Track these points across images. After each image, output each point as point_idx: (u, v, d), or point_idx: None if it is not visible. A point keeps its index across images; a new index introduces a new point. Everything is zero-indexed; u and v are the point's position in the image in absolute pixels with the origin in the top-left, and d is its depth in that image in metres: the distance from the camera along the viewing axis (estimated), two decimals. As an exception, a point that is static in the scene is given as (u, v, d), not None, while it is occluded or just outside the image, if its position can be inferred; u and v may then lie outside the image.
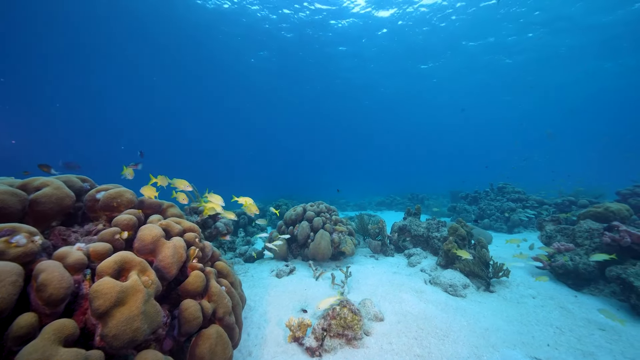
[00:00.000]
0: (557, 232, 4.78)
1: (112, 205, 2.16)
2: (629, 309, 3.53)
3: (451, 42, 19.94)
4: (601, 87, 24.63)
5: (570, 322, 3.20)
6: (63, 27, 18.01)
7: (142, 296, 1.48)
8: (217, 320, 2.11)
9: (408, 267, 5.08)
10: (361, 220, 6.75)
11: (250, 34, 19.67)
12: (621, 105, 29.80)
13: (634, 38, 17.22)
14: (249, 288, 4.15)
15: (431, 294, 3.68)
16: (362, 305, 3.13)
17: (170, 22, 18.03)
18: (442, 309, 3.30)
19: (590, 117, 34.85)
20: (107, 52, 21.17)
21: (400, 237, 6.05)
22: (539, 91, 26.73)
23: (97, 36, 19.02)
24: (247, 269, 5.37)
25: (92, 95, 30.42)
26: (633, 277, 3.49)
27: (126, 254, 1.63)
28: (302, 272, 4.82)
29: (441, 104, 32.01)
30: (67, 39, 19.47)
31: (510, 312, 3.38)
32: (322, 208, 5.94)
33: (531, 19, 17.33)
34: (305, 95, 30.93)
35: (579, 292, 4.06)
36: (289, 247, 5.93)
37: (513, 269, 4.74)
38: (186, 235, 2.32)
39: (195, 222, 4.64)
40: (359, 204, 19.26)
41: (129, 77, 26.20)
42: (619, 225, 3.88)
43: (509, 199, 9.37)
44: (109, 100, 32.71)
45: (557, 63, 21.50)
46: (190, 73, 25.59)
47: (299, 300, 3.69)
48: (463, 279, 4.08)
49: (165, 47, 20.98)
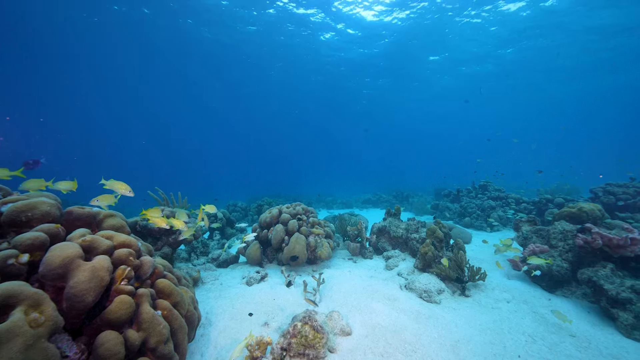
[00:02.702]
0: (533, 233, 4.75)
1: (19, 221, 1.82)
2: (600, 312, 3.51)
3: (441, 42, 20.00)
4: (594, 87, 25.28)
5: (542, 329, 3.12)
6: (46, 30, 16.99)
7: (21, 342, 1.18)
8: (149, 352, 1.83)
9: (385, 271, 4.94)
10: (341, 221, 6.56)
11: (234, 34, 18.98)
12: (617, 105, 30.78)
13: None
14: (214, 299, 3.87)
15: (404, 301, 3.52)
16: (329, 319, 2.92)
17: (159, 22, 17.16)
18: (414, 319, 3.14)
19: (585, 117, 35.94)
20: (76, 51, 19.99)
21: (379, 239, 5.90)
22: (525, 92, 27.45)
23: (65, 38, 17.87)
24: (218, 275, 5.06)
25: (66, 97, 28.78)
26: (603, 280, 3.46)
27: (9, 286, 1.32)
28: (274, 279, 4.57)
29: (428, 102, 32.34)
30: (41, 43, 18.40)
31: (484, 320, 3.28)
32: (298, 210, 5.69)
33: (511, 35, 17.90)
34: (295, 95, 30.46)
35: (553, 295, 4.03)
36: (264, 252, 5.66)
37: (490, 271, 4.68)
38: (117, 253, 2.01)
39: (156, 229, 4.30)
40: (345, 201, 19.14)
41: (111, 78, 24.96)
42: (591, 227, 3.85)
43: (489, 197, 9.45)
44: (89, 101, 31.23)
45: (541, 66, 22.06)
46: (175, 73, 24.64)
47: (266, 311, 3.45)
48: (438, 284, 3.96)
49: (147, 47, 19.95)
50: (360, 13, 16.86)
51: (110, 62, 21.94)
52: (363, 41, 19.91)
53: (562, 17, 16.28)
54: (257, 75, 25.53)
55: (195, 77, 25.62)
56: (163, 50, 20.74)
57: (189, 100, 31.97)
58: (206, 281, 4.64)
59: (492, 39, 19.10)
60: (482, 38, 19.10)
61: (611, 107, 31.78)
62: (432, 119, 40.86)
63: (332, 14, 16.94)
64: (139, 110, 36.26)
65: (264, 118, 41.26)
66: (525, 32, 17.98)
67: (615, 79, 24.48)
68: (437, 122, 43.29)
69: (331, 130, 49.11)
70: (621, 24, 16.54)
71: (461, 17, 16.89)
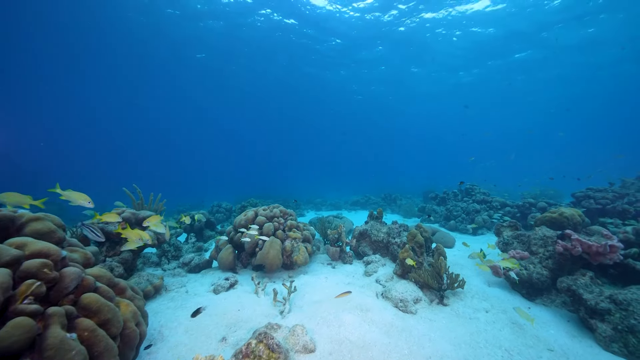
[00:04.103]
0: (514, 238, 4.63)
1: None
2: (579, 322, 3.39)
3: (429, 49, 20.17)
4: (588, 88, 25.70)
5: (520, 342, 2.95)
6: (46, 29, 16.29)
7: None
8: (54, 385, 1.52)
9: (364, 277, 4.72)
10: (322, 223, 6.31)
11: (225, 35, 18.58)
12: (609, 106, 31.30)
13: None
14: (173, 309, 3.54)
15: (378, 312, 3.29)
16: (291, 334, 2.66)
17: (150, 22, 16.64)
18: (386, 333, 2.92)
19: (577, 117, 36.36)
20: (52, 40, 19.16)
21: (359, 243, 5.69)
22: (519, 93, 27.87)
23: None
24: (187, 281, 4.72)
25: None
26: (582, 289, 3.33)
27: None
28: (244, 287, 4.27)
29: (418, 105, 32.60)
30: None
31: (460, 332, 3.09)
32: (275, 212, 5.41)
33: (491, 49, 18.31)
34: (287, 95, 30.15)
35: (532, 303, 3.90)
36: (239, 256, 5.35)
37: (470, 277, 4.52)
38: (26, 265, 1.70)
39: (114, 232, 3.94)
40: (334, 203, 18.94)
41: (94, 75, 24.06)
42: (571, 234, 3.74)
43: (474, 200, 9.41)
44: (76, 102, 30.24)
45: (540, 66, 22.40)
46: (167, 74, 23.98)
47: (227, 324, 3.15)
48: (415, 292, 3.76)
49: (129, 43, 19.26)
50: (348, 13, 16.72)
51: (98, 59, 21.13)
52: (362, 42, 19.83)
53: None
54: (254, 75, 25.12)
55: (188, 77, 25.03)
56: (152, 50, 20.10)
57: (178, 100, 31.29)
58: (171, 289, 4.30)
59: (468, 51, 19.51)
60: (460, 52, 19.49)
61: (587, 111, 32.65)
62: (421, 121, 41.27)
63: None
64: (134, 112, 35.29)
65: (259, 119, 40.79)
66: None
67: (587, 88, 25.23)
68: (427, 124, 43.78)
69: (326, 132, 48.96)
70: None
71: (440, 29, 17.17)
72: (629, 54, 18.42)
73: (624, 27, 15.93)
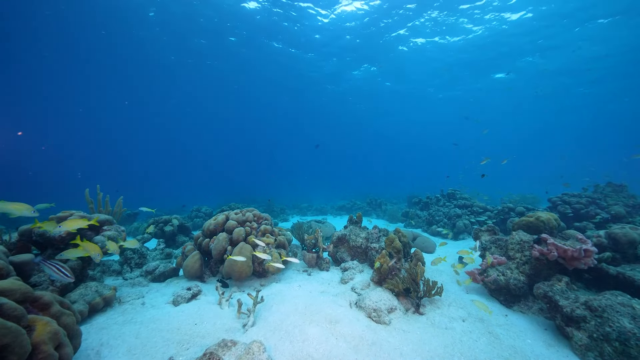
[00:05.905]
0: (492, 243, 4.54)
1: None
2: (556, 329, 3.27)
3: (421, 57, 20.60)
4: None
5: (496, 353, 2.78)
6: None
7: None
8: None
9: (339, 285, 4.46)
10: (299, 229, 6.04)
11: (215, 35, 18.21)
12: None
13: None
14: (121, 324, 3.15)
15: (348, 324, 3.04)
16: (246, 352, 2.36)
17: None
18: (354, 347, 2.67)
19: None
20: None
21: (337, 249, 5.45)
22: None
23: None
24: (146, 292, 4.30)
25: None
26: (559, 295, 3.23)
27: None
28: (208, 297, 3.92)
29: (406, 111, 33.20)
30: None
31: (435, 344, 2.88)
32: (248, 216, 5.10)
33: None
34: (280, 99, 29.92)
35: (510, 310, 3.77)
36: (207, 263, 4.98)
37: (448, 284, 4.37)
38: None
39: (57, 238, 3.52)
40: (320, 208, 18.67)
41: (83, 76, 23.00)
42: (547, 238, 3.66)
43: (455, 205, 9.43)
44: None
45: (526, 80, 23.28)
46: (162, 74, 23.22)
47: (179, 341, 2.81)
48: (390, 301, 3.55)
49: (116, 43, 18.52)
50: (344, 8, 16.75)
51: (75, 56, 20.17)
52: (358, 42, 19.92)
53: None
54: (251, 75, 24.75)
55: (182, 74, 24.35)
56: (134, 53, 19.40)
57: (173, 104, 30.43)
58: (126, 300, 3.88)
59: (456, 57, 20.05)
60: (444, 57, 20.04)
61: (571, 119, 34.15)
62: (407, 128, 42.04)
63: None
64: (129, 116, 34.01)
65: (249, 123, 40.23)
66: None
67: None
68: (415, 130, 44.65)
69: (315, 139, 48.83)
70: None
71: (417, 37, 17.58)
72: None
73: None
